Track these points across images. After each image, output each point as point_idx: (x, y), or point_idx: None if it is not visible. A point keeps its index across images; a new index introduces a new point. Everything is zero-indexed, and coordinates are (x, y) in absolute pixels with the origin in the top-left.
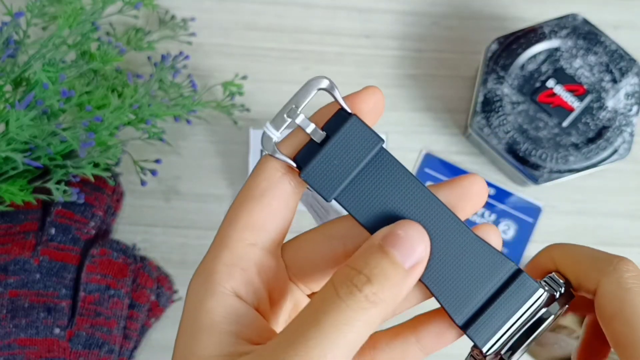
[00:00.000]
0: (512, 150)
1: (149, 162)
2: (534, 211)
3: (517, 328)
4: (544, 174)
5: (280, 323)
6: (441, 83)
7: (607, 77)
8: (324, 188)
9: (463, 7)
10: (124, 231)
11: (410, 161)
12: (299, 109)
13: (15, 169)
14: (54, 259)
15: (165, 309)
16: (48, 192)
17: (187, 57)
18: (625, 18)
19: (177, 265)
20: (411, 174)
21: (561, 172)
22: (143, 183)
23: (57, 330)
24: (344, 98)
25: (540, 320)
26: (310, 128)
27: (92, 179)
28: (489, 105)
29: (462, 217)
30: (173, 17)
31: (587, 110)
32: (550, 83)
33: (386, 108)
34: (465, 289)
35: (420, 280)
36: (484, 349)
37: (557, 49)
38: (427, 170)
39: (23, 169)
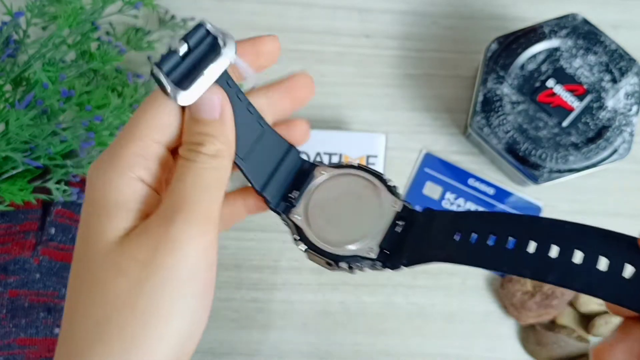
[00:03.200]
0: (512, 150)
1: None
2: (533, 211)
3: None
4: (544, 174)
5: None
6: (441, 83)
7: (607, 77)
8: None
9: (463, 7)
10: None
11: (410, 161)
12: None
13: (15, 168)
14: (54, 259)
15: None
16: (48, 191)
17: None
18: (625, 18)
19: None
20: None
21: (561, 172)
22: None
23: (57, 330)
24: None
25: (302, 172)
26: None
27: None
28: (489, 105)
29: (292, 104)
30: (173, 17)
31: (587, 110)
32: (550, 83)
33: (386, 108)
34: (262, 166)
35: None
36: (273, 205)
37: (557, 49)
38: (427, 170)
39: (23, 169)
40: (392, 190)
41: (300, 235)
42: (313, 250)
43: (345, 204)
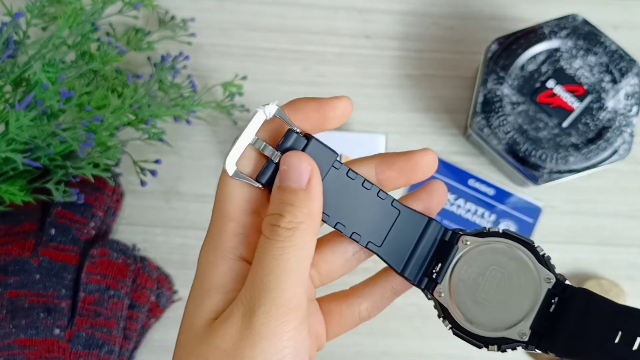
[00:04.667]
0: (512, 151)
1: (149, 163)
2: (534, 211)
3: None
4: (544, 175)
5: None
6: (441, 83)
7: (607, 78)
8: None
9: (463, 7)
10: (124, 231)
11: None
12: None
13: (15, 169)
14: (53, 260)
15: (165, 310)
16: (48, 192)
17: (187, 57)
18: (625, 18)
19: (177, 266)
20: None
21: (561, 173)
22: (143, 183)
23: (56, 331)
24: (310, 100)
25: (444, 243)
26: (268, 150)
27: (92, 179)
28: (489, 106)
29: (410, 183)
30: (173, 18)
31: (587, 111)
32: (550, 83)
33: (386, 109)
34: (401, 247)
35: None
36: (416, 282)
37: (557, 50)
38: None
39: (23, 170)
40: (543, 261)
41: (445, 313)
42: (459, 330)
43: (493, 280)
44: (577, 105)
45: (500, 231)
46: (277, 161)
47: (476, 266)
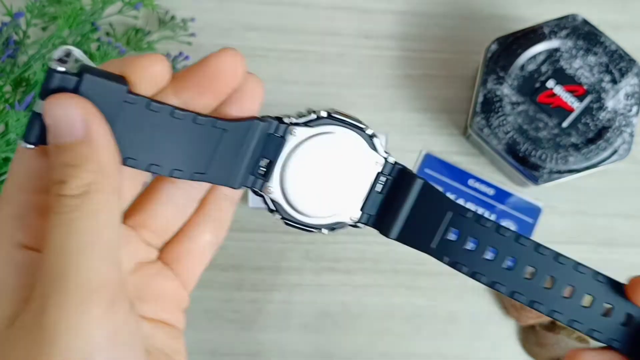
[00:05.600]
0: (512, 151)
1: None
2: (533, 211)
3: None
4: (544, 175)
5: None
6: (441, 83)
7: (607, 78)
8: None
9: (463, 7)
10: None
11: (410, 162)
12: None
13: None
14: None
15: None
16: None
17: (187, 57)
18: (625, 18)
19: None
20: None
21: (561, 173)
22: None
23: None
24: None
25: (274, 139)
26: (38, 105)
27: None
28: (489, 106)
29: (218, 96)
30: (173, 18)
31: (586, 111)
32: (550, 83)
33: (385, 108)
34: (230, 163)
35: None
36: (237, 185)
37: (557, 50)
38: (427, 170)
39: None
40: (373, 144)
41: (275, 208)
42: (290, 221)
43: (324, 169)
44: (577, 105)
45: (325, 115)
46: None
47: (307, 157)
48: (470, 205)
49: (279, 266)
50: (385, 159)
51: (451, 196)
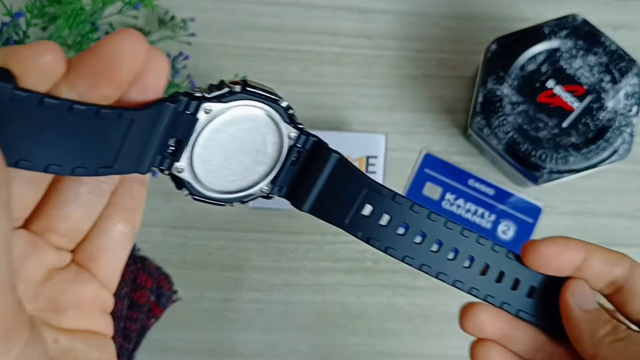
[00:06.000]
0: (512, 151)
1: None
2: (533, 211)
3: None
4: (544, 175)
5: None
6: (441, 83)
7: (607, 78)
8: None
9: (463, 7)
10: None
11: (410, 162)
12: None
13: None
14: None
15: (165, 310)
16: None
17: (187, 57)
18: (625, 18)
19: (177, 266)
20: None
21: (561, 173)
22: None
23: None
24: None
25: (185, 117)
26: None
27: None
28: (489, 106)
29: (119, 84)
30: (173, 18)
31: (587, 111)
32: (550, 83)
33: (386, 108)
34: (137, 150)
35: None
36: (145, 169)
37: (557, 50)
38: (427, 170)
39: None
40: (287, 118)
41: (185, 186)
42: (200, 197)
43: (237, 145)
44: (577, 105)
45: (246, 89)
46: None
47: (217, 133)
48: (470, 206)
49: (279, 266)
50: (300, 131)
51: (451, 196)
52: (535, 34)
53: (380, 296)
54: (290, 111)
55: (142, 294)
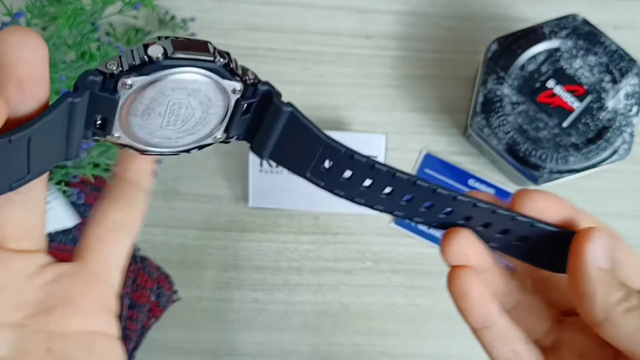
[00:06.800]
0: (512, 151)
1: None
2: None
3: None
4: (544, 175)
5: None
6: (441, 83)
7: (607, 78)
8: None
9: (463, 7)
10: None
11: (411, 162)
12: None
13: None
14: (55, 260)
15: (165, 310)
16: None
17: None
18: (625, 18)
19: (177, 266)
20: None
21: (561, 173)
22: None
23: None
24: None
25: (101, 99)
26: None
27: (92, 179)
28: (489, 106)
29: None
30: (173, 18)
31: (587, 111)
32: (550, 83)
33: (386, 108)
34: (55, 146)
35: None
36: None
37: (557, 50)
38: (427, 170)
39: None
40: (226, 73)
41: (128, 145)
42: (147, 153)
43: (174, 107)
44: (577, 105)
45: (170, 56)
46: None
47: (153, 103)
48: None
49: (279, 266)
50: (244, 83)
51: None
52: (535, 34)
53: (380, 296)
54: (231, 65)
55: (142, 294)
